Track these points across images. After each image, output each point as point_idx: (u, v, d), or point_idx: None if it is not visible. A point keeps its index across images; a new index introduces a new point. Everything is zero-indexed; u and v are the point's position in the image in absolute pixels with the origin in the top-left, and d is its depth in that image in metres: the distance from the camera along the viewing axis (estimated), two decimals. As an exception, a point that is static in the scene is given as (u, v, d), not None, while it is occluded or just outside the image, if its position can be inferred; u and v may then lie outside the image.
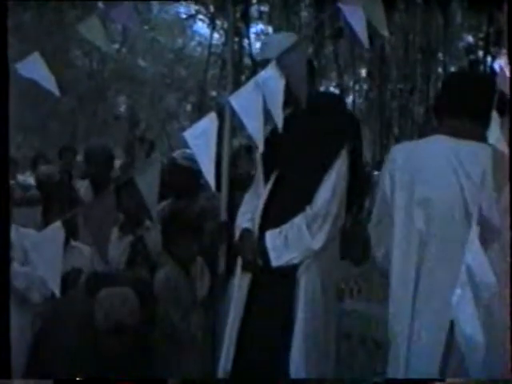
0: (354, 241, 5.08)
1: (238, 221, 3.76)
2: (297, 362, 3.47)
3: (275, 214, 3.60)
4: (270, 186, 3.64)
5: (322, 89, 7.79)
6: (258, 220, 3.63)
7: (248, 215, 3.73)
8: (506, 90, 1.96)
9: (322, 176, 3.52)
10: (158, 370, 3.38)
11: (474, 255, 2.09)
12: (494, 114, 1.93)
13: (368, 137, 9.94)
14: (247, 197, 3.85)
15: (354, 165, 3.64)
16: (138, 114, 17.43)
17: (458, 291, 2.07)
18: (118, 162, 7.69)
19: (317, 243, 3.50)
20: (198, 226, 3.99)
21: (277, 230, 3.55)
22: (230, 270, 4.03)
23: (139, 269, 4.12)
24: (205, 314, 3.93)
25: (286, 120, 3.63)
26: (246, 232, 3.67)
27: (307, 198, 3.53)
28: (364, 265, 5.20)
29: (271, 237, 3.55)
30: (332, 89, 11.35)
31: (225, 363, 3.60)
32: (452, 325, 2.22)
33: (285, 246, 3.51)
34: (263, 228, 3.60)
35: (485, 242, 2.25)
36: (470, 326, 2.05)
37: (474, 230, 2.13)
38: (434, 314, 2.64)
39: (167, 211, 4.25)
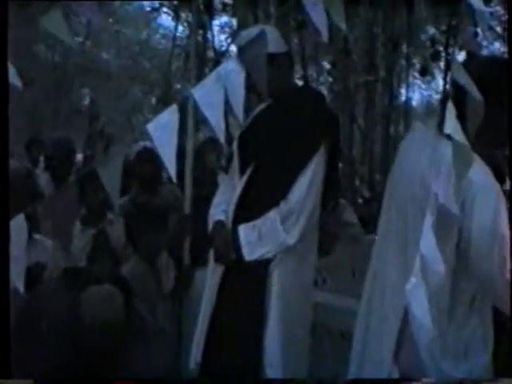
0: (325, 234, 5.11)
1: (212, 212, 3.72)
2: (270, 355, 3.47)
3: (250, 208, 3.58)
4: (245, 178, 3.62)
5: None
6: (231, 212, 3.61)
7: (222, 207, 3.70)
8: (462, 82, 1.98)
9: (299, 171, 3.50)
10: (129, 364, 3.38)
11: (428, 244, 2.12)
12: (450, 105, 1.95)
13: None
14: (221, 188, 3.83)
15: (331, 161, 3.63)
16: (99, 107, 17.33)
17: (413, 279, 2.10)
18: (80, 156, 7.67)
19: (291, 238, 3.49)
20: (162, 219, 3.99)
21: (250, 225, 3.53)
22: (195, 262, 4.04)
23: (102, 263, 4.11)
24: (171, 306, 3.93)
25: (264, 113, 3.65)
26: (219, 224, 3.64)
27: (282, 192, 3.51)
28: (330, 256, 5.23)
29: (245, 231, 3.53)
30: (296, 80, 11.37)
31: (195, 354, 3.60)
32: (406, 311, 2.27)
33: (258, 240, 3.50)
34: (237, 221, 3.58)
35: (442, 229, 2.29)
36: (421, 311, 2.09)
37: (429, 220, 2.16)
38: (388, 304, 2.68)
39: (130, 204, 4.24)
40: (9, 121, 2.50)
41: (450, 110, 1.98)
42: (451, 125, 1.97)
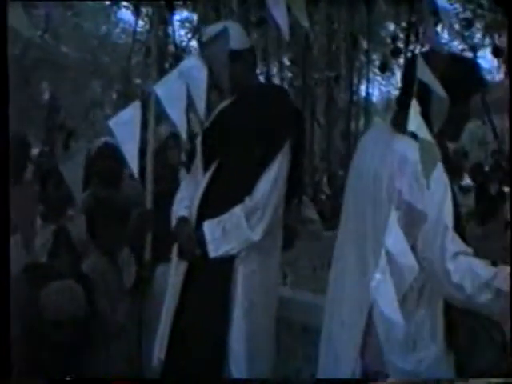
0: (286, 230, 5.13)
1: (175, 208, 3.71)
2: (235, 353, 3.47)
3: (214, 204, 3.56)
4: (209, 174, 3.61)
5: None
6: (195, 208, 3.60)
7: (185, 203, 3.68)
8: (425, 79, 2.00)
9: (263, 168, 3.50)
10: (90, 361, 3.37)
11: (394, 240, 2.13)
12: (414, 102, 1.97)
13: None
14: (184, 184, 3.81)
15: (296, 158, 3.63)
16: (59, 102, 17.19)
17: (378, 275, 2.11)
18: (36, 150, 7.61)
19: (256, 235, 3.48)
20: (123, 215, 3.97)
21: (215, 221, 3.51)
22: (156, 258, 4.02)
23: (63, 259, 4.08)
24: (132, 303, 3.91)
25: (228, 110, 3.65)
26: (183, 220, 3.63)
27: (247, 189, 3.50)
28: (290, 252, 5.26)
29: (209, 227, 3.51)
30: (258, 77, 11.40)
31: (158, 352, 3.58)
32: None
33: (223, 236, 3.48)
34: (201, 217, 3.57)
35: (410, 225, 2.31)
36: (389, 308, 2.10)
37: (394, 215, 2.17)
38: (354, 300, 2.69)
39: (92, 200, 4.21)
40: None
41: (414, 108, 1.99)
42: (415, 122, 1.99)
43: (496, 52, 11.17)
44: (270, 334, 3.65)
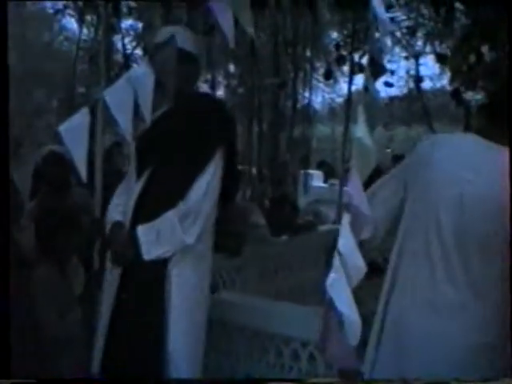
0: (228, 235, 5.16)
1: (109, 214, 3.77)
2: (172, 354, 3.52)
3: (148, 209, 3.63)
4: (143, 180, 3.66)
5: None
6: (130, 213, 3.66)
7: (120, 208, 3.74)
8: (370, 87, 2.06)
9: (197, 173, 3.58)
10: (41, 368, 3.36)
11: (346, 241, 2.20)
12: (359, 109, 2.03)
13: (238, 132, 10.04)
14: (119, 190, 3.86)
15: (229, 164, 3.72)
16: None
17: (332, 275, 2.18)
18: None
19: (189, 238, 3.56)
20: (72, 223, 3.96)
21: (149, 225, 3.58)
22: (104, 266, 4.03)
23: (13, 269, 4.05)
24: (82, 311, 3.91)
25: (163, 117, 3.69)
26: (117, 225, 3.69)
27: (181, 194, 3.58)
28: (238, 257, 5.29)
29: (143, 231, 3.57)
30: (202, 84, 11.39)
31: (96, 359, 3.63)
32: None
33: (157, 240, 3.55)
34: (136, 222, 3.62)
35: (357, 228, 2.38)
36: (346, 306, 2.16)
37: (346, 219, 2.24)
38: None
39: (40, 208, 4.19)
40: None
41: (359, 115, 2.06)
42: (361, 129, 2.05)
43: (439, 58, 11.34)
44: (204, 333, 3.73)
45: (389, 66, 14.78)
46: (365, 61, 2.57)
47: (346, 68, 11.36)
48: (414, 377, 2.60)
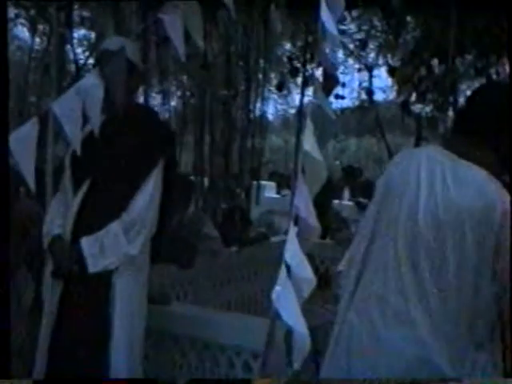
0: (180, 246, 5.15)
1: (46, 228, 3.74)
2: (115, 364, 3.54)
3: (89, 221, 3.63)
4: (82, 192, 3.64)
5: (144, 94, 7.84)
6: (70, 227, 3.64)
7: (57, 222, 3.71)
8: (320, 101, 2.08)
9: (139, 184, 3.61)
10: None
11: (292, 253, 2.20)
12: (308, 122, 2.04)
13: (189, 143, 10.04)
14: (54, 204, 3.84)
15: (169, 175, 3.76)
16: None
17: (278, 288, 2.17)
18: None
19: (134, 249, 3.58)
20: (22, 233, 3.92)
21: (93, 237, 3.57)
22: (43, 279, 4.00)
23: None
24: (31, 323, 3.87)
25: (102, 127, 3.67)
26: (57, 239, 3.66)
27: (123, 205, 3.60)
28: (190, 269, 5.28)
29: (87, 243, 3.56)
30: (154, 94, 11.36)
31: (39, 368, 3.61)
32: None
33: (101, 252, 3.55)
34: (76, 235, 3.61)
35: (303, 239, 2.38)
36: (293, 320, 2.15)
37: (292, 230, 2.25)
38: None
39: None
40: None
41: (308, 128, 2.07)
42: (309, 142, 2.06)
43: (388, 70, 11.48)
44: (142, 342, 3.75)
45: (342, 77, 14.91)
46: (318, 73, 2.58)
47: (299, 79, 11.40)
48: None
